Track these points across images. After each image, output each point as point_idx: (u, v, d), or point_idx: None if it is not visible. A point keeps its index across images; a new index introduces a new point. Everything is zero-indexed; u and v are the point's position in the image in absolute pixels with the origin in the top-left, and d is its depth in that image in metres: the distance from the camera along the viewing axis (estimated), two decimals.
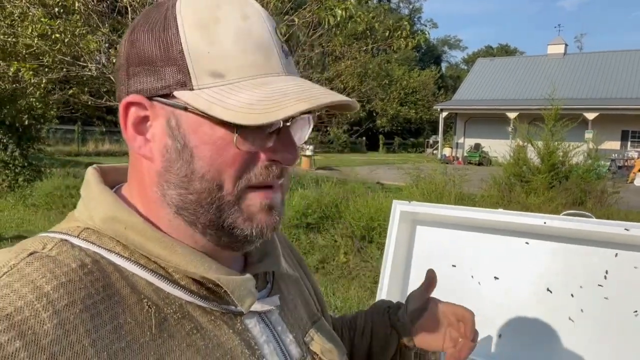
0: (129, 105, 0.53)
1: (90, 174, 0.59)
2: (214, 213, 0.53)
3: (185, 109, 0.50)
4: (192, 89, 0.50)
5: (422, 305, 0.86)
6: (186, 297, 0.53)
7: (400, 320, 0.85)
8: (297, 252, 0.83)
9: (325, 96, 0.50)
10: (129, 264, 0.52)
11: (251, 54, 0.51)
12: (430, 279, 0.86)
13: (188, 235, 0.55)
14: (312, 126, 0.60)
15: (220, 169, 0.51)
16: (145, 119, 0.53)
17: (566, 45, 30.55)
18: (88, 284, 0.48)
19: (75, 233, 0.53)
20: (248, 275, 0.56)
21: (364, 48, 8.38)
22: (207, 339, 0.53)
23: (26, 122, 9.66)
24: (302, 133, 0.59)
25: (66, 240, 0.52)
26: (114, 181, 0.61)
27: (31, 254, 0.49)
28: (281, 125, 0.52)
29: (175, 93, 0.51)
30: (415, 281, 1.57)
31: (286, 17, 6.46)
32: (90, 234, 0.53)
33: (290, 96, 0.49)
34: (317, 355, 0.65)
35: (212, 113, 0.49)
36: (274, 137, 0.52)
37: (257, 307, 0.58)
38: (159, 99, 0.51)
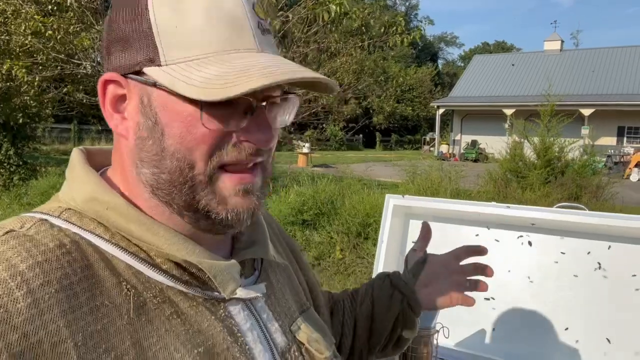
0: (106, 82, 0.52)
1: (76, 154, 0.58)
2: (187, 193, 0.51)
3: (155, 85, 0.49)
4: (159, 65, 0.49)
5: (422, 258, 0.86)
6: (167, 281, 0.52)
7: (402, 279, 0.84)
8: (292, 241, 0.82)
9: (291, 72, 0.47)
10: (109, 246, 0.51)
11: (221, 29, 0.49)
12: (425, 229, 0.87)
13: (166, 216, 0.54)
14: (296, 108, 0.58)
15: (190, 147, 0.50)
16: (123, 97, 0.52)
17: (562, 41, 30.60)
18: (65, 264, 0.47)
19: (56, 213, 0.52)
20: (232, 261, 0.55)
21: (360, 44, 8.36)
22: (188, 324, 0.52)
23: (20, 121, 9.63)
24: (285, 115, 0.57)
25: (45, 220, 0.51)
26: (100, 163, 0.60)
27: (7, 232, 0.48)
28: (255, 105, 0.51)
29: (145, 69, 0.50)
30: None
31: (281, 13, 6.44)
32: (71, 214, 0.52)
33: (252, 71, 0.47)
34: (304, 344, 0.64)
35: (175, 89, 0.48)
36: (248, 117, 0.51)
37: (242, 294, 0.57)
38: (132, 76, 0.51)
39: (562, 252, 1.36)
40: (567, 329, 1.32)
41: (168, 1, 0.49)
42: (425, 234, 0.88)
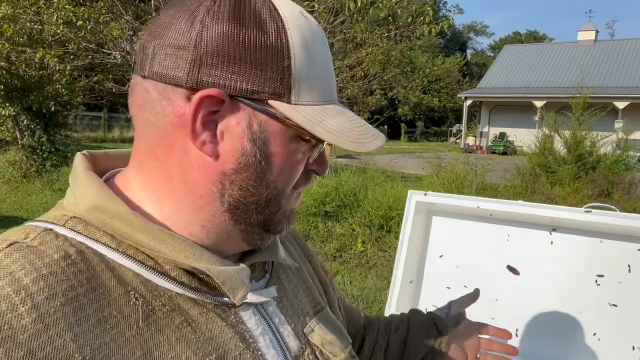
0: (207, 97, 0.49)
1: (79, 160, 0.56)
2: (267, 214, 0.55)
3: (275, 117, 0.51)
4: (289, 103, 0.51)
5: (463, 313, 0.93)
6: (176, 289, 0.51)
7: (444, 320, 0.91)
8: (303, 241, 0.82)
9: (380, 137, 0.56)
10: (116, 255, 0.50)
11: (328, 80, 0.55)
12: (476, 294, 0.97)
13: (223, 231, 0.55)
14: None
15: (286, 178, 0.55)
16: (214, 113, 0.50)
17: (597, 31, 29.52)
18: (71, 275, 0.46)
19: (61, 222, 0.51)
20: (242, 266, 0.55)
21: (386, 34, 8.25)
22: (199, 332, 0.51)
23: (52, 109, 9.87)
24: None
25: (50, 229, 0.50)
26: (105, 168, 0.59)
27: (11, 244, 0.47)
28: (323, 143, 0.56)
29: (271, 102, 0.50)
30: (431, 272, 1.55)
31: (306, 2, 6.40)
32: (76, 223, 0.51)
33: (367, 130, 0.55)
34: (317, 347, 0.63)
35: (314, 132, 0.51)
36: (316, 150, 0.57)
37: (253, 298, 0.57)
38: (245, 100, 0.49)
39: (591, 253, 1.32)
40: (595, 331, 1.29)
41: (304, 46, 0.52)
42: (474, 296, 0.97)
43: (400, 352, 0.89)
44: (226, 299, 0.54)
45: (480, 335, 0.94)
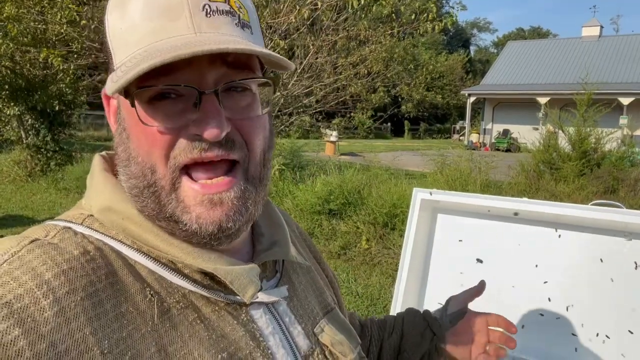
0: (108, 97, 0.54)
1: (96, 161, 0.58)
2: (154, 200, 0.50)
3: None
4: (114, 71, 0.50)
5: (463, 310, 0.90)
6: (189, 286, 0.52)
7: (438, 321, 0.88)
8: (312, 242, 0.82)
9: (187, 47, 0.43)
10: (132, 252, 0.52)
11: (155, 20, 0.47)
12: (481, 286, 0.92)
13: (162, 231, 0.53)
14: (270, 93, 0.54)
15: (148, 150, 0.49)
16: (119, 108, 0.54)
17: (601, 27, 29.33)
18: (90, 271, 0.47)
19: (79, 220, 0.53)
20: (251, 265, 0.55)
21: (390, 32, 8.21)
22: (211, 329, 0.52)
23: (57, 108, 9.90)
24: (246, 101, 0.52)
25: (69, 227, 0.51)
26: None
27: (33, 241, 0.48)
28: (200, 94, 0.47)
29: (110, 77, 0.50)
30: (436, 270, 1.55)
31: (309, 0, 6.38)
32: (93, 221, 0.53)
33: (153, 55, 0.43)
34: (327, 347, 0.63)
35: (107, 91, 0.47)
36: (198, 109, 0.48)
37: (264, 297, 0.57)
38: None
39: (597, 251, 1.32)
40: (602, 329, 1.28)
41: (117, 5, 0.50)
42: (478, 290, 0.92)
43: (394, 357, 0.88)
44: (238, 297, 0.54)
45: (491, 327, 0.89)
